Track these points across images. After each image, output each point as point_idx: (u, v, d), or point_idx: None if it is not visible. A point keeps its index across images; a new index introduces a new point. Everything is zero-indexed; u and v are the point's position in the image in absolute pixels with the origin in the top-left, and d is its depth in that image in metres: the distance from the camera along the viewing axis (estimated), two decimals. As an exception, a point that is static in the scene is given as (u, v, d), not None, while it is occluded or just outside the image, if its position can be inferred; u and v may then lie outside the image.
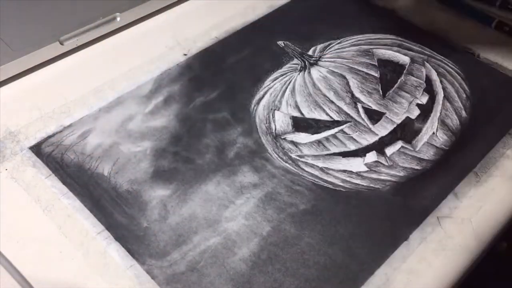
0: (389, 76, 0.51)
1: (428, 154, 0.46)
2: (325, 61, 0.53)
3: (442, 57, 0.54)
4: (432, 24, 0.59)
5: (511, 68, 0.54)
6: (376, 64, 0.52)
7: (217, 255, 0.39)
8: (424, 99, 0.49)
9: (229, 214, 0.41)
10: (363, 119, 0.47)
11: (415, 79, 0.51)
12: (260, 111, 0.49)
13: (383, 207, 0.42)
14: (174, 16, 0.58)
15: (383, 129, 0.47)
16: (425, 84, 0.51)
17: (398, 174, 0.44)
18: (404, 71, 0.52)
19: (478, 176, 0.44)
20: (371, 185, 0.44)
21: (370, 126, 0.47)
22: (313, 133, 0.46)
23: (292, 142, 0.46)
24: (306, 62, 0.53)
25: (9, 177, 0.42)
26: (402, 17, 0.60)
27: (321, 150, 0.45)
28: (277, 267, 0.38)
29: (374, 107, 0.49)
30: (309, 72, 0.52)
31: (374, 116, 0.48)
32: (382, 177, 0.44)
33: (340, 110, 0.48)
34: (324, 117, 0.48)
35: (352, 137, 0.46)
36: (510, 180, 0.44)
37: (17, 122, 0.47)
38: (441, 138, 0.47)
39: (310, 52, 0.54)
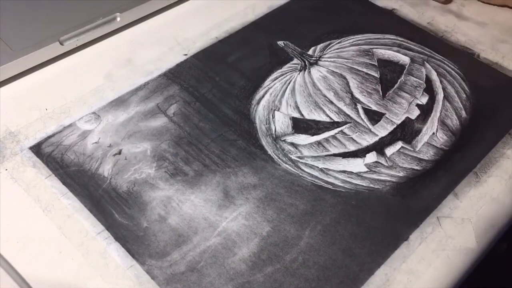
0: (389, 76, 0.51)
1: (428, 154, 0.46)
2: (325, 60, 0.53)
3: (442, 57, 0.54)
4: (432, 24, 0.59)
5: (511, 68, 0.54)
6: (376, 64, 0.52)
7: (217, 255, 0.39)
8: (424, 100, 0.49)
9: (229, 214, 0.41)
10: (363, 120, 0.47)
11: (415, 79, 0.51)
12: (260, 111, 0.49)
13: (383, 207, 0.42)
14: (174, 16, 0.58)
15: (383, 130, 0.47)
16: (425, 84, 0.51)
17: (398, 174, 0.44)
18: (404, 71, 0.52)
19: (478, 176, 0.44)
20: (371, 185, 0.44)
21: (370, 126, 0.47)
22: (312, 134, 0.46)
23: (292, 144, 0.46)
24: (306, 61, 0.53)
25: (9, 177, 0.42)
26: (402, 17, 0.60)
27: (321, 151, 0.45)
28: (277, 267, 0.38)
29: (374, 107, 0.49)
30: (309, 72, 0.52)
31: (374, 117, 0.48)
32: (382, 178, 0.44)
33: (339, 111, 0.48)
34: (323, 118, 0.48)
35: (352, 138, 0.46)
36: (510, 180, 0.44)
37: (17, 122, 0.47)
38: (441, 139, 0.47)
39: (310, 52, 0.54)
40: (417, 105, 0.49)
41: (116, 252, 0.38)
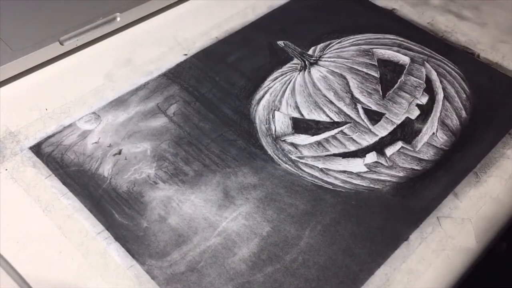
0: (389, 76, 0.51)
1: (428, 154, 0.46)
2: (325, 60, 0.53)
3: (442, 57, 0.54)
4: (432, 24, 0.59)
5: (511, 68, 0.54)
6: (376, 64, 0.52)
7: (217, 255, 0.39)
8: (424, 100, 0.49)
9: (229, 214, 0.41)
10: (363, 120, 0.47)
11: (415, 79, 0.51)
12: (260, 111, 0.49)
13: (383, 207, 0.42)
14: (174, 16, 0.58)
15: (383, 130, 0.47)
16: (425, 84, 0.51)
17: (398, 174, 0.44)
18: (404, 71, 0.52)
19: (478, 176, 0.44)
20: (371, 185, 0.44)
21: (370, 126, 0.47)
22: (312, 134, 0.46)
23: (292, 144, 0.46)
24: (306, 61, 0.53)
25: (9, 177, 0.42)
26: (402, 17, 0.60)
27: (321, 151, 0.45)
28: (277, 267, 0.38)
29: (374, 107, 0.49)
30: (309, 72, 0.52)
31: (374, 117, 0.48)
32: (382, 178, 0.44)
33: (340, 111, 0.48)
34: (323, 118, 0.48)
35: (352, 138, 0.46)
36: (510, 180, 0.45)
37: (17, 122, 0.47)
38: (441, 139, 0.47)
39: (310, 52, 0.54)
40: (417, 105, 0.49)
41: (116, 252, 0.38)
